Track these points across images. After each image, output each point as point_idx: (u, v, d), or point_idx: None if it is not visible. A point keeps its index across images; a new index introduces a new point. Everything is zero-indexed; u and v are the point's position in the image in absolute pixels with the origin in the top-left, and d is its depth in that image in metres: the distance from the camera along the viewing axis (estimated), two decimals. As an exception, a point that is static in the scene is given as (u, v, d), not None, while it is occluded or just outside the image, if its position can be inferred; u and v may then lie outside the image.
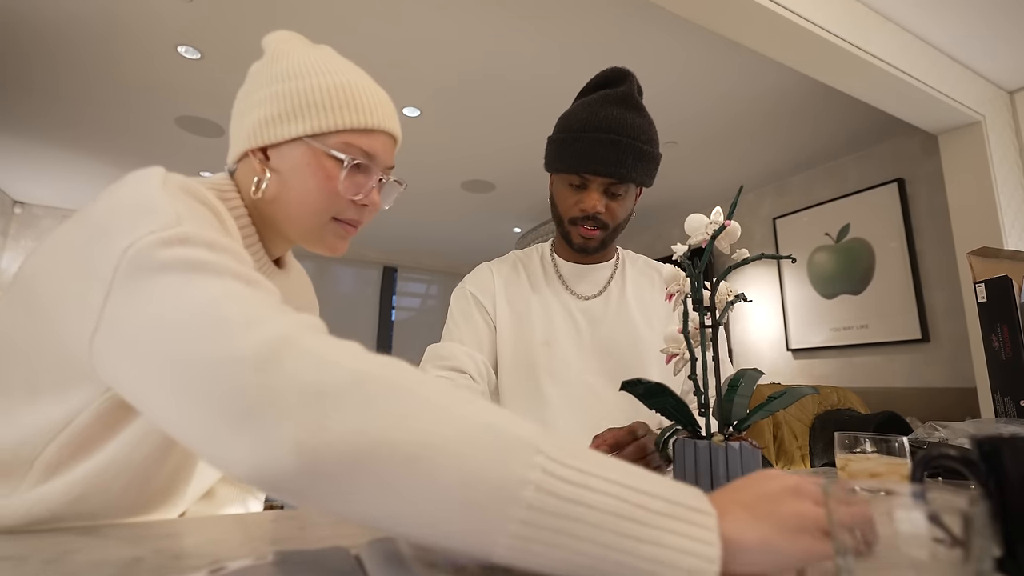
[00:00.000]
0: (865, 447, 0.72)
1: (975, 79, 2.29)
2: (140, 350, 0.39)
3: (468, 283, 1.04)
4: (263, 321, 0.37)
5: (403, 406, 0.33)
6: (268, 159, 0.61)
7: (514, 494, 0.31)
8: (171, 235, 0.42)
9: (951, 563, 0.28)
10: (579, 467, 0.33)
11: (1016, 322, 0.98)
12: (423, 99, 2.74)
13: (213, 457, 0.36)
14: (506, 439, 0.33)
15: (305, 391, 0.33)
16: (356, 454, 0.32)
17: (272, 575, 0.33)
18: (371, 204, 0.65)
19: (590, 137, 0.90)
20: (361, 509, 0.33)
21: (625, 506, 0.32)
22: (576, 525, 0.31)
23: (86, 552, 0.39)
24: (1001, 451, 0.34)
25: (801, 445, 1.59)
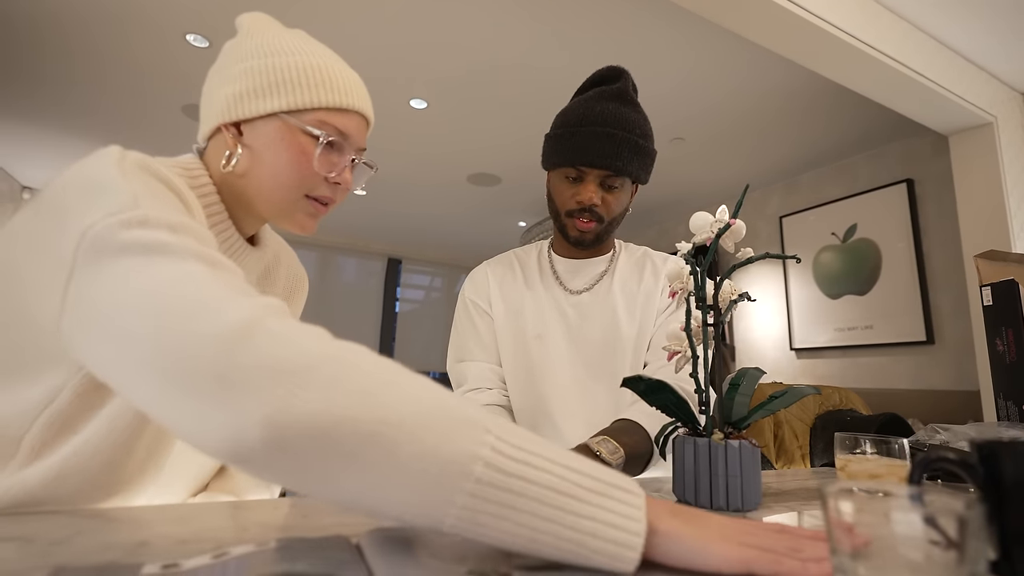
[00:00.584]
0: (865, 448, 0.72)
1: (988, 80, 2.27)
2: (106, 331, 0.40)
3: (466, 290, 1.08)
4: (230, 302, 0.38)
5: (364, 385, 0.35)
6: (241, 134, 0.61)
7: (465, 468, 0.33)
8: (129, 217, 0.42)
9: (946, 565, 0.28)
10: (523, 447, 0.35)
11: (1021, 326, 0.98)
12: (430, 91, 2.73)
13: (186, 434, 0.37)
14: (459, 419, 0.35)
15: (272, 370, 0.35)
16: (320, 429, 0.33)
17: (273, 561, 0.34)
18: (343, 183, 0.65)
19: (586, 131, 0.92)
20: (323, 484, 0.35)
21: (563, 483, 0.35)
22: (519, 499, 0.34)
23: (92, 535, 0.40)
24: (999, 455, 0.34)
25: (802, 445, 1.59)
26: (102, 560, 0.35)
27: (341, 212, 4.62)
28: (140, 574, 0.32)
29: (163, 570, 0.32)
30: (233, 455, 0.35)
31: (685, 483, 0.60)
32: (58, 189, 0.46)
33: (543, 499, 0.34)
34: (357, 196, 4.23)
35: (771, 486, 0.75)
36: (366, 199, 4.32)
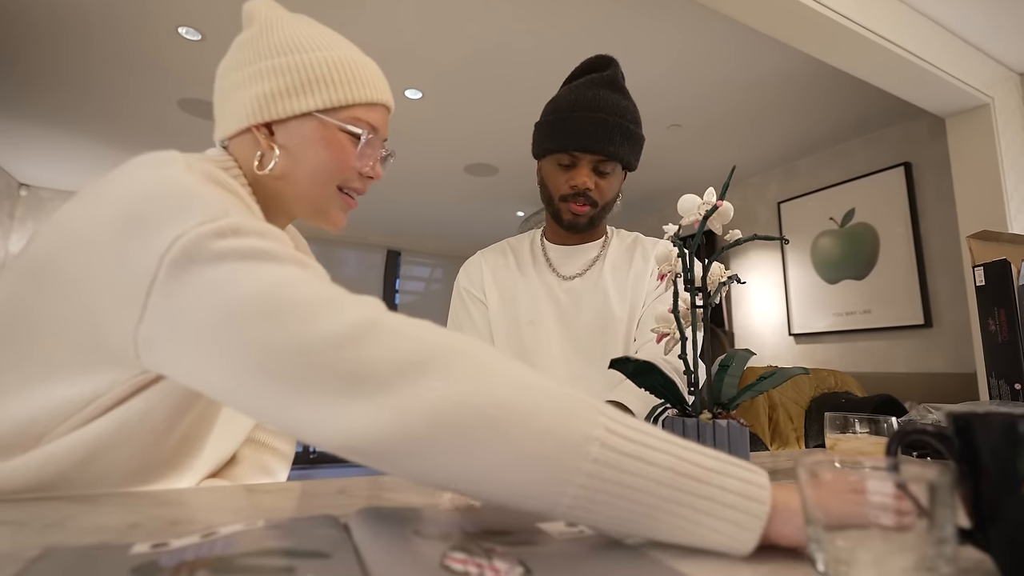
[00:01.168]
0: (855, 428, 0.73)
1: (985, 60, 2.25)
2: (201, 340, 0.40)
3: (461, 279, 1.09)
4: (342, 302, 0.40)
5: (479, 372, 0.37)
6: (272, 134, 0.60)
7: (581, 449, 0.34)
8: (223, 226, 0.42)
9: (917, 531, 0.29)
10: (638, 428, 0.36)
11: (1013, 305, 0.98)
12: (425, 81, 2.72)
13: (308, 432, 0.38)
14: (572, 401, 0.36)
15: (397, 363, 0.36)
16: (443, 417, 0.35)
17: (261, 538, 0.34)
18: (376, 176, 0.66)
19: (579, 116, 0.93)
20: (446, 470, 0.36)
21: (682, 464, 0.35)
22: (636, 479, 0.34)
23: (85, 518, 0.41)
24: (973, 427, 0.35)
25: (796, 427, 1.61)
26: (93, 541, 0.36)
27: (339, 204, 4.62)
28: (129, 553, 0.32)
29: (152, 549, 0.33)
30: (362, 448, 0.36)
31: (674, 463, 0.61)
32: (127, 198, 0.44)
33: (661, 479, 0.35)
34: (354, 188, 4.22)
35: (764, 465, 0.76)
36: (363, 191, 4.30)
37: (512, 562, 0.33)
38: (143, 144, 3.47)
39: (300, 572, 0.29)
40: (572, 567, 0.33)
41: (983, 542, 0.35)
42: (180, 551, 0.32)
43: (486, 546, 0.35)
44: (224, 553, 0.32)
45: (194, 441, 0.58)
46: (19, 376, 0.47)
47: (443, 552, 0.33)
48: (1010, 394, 0.97)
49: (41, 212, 4.24)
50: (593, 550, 0.36)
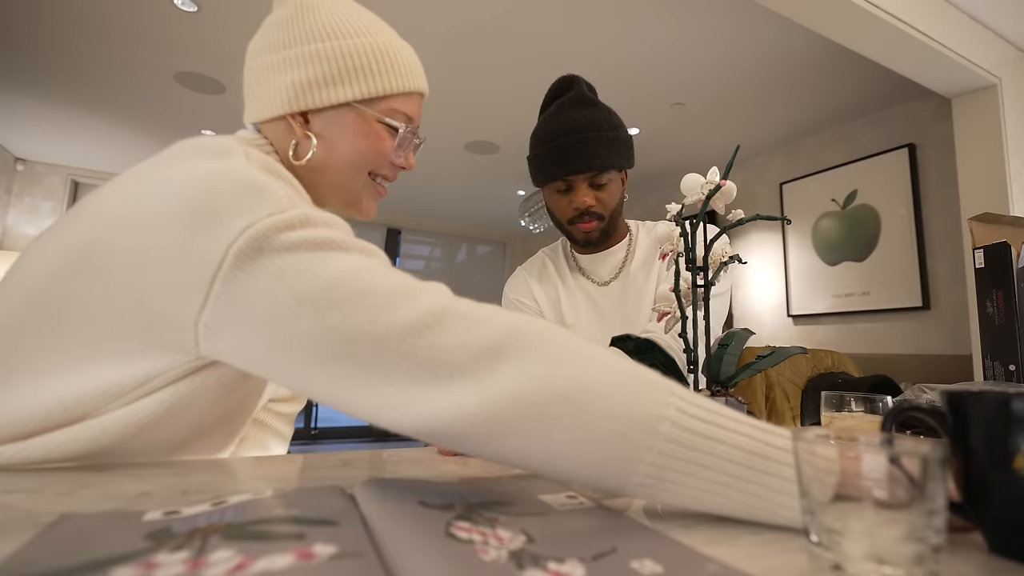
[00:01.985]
0: (851, 407, 0.74)
1: (994, 40, 2.22)
2: (273, 329, 0.40)
3: (509, 292, 1.13)
4: (414, 290, 0.41)
5: (554, 353, 0.38)
6: (307, 122, 0.59)
7: (653, 427, 0.35)
8: (292, 217, 0.43)
9: (908, 503, 0.30)
10: (709, 408, 0.37)
11: (1012, 288, 0.99)
12: (426, 57, 2.67)
13: (375, 415, 0.39)
14: (644, 381, 0.37)
15: (473, 348, 0.38)
16: (521, 398, 0.36)
17: (270, 507, 0.35)
18: (408, 166, 0.66)
19: (559, 143, 0.98)
20: (523, 449, 0.37)
21: (752, 443, 0.36)
22: (707, 457, 0.35)
23: (98, 486, 0.42)
24: (967, 404, 0.35)
25: (793, 406, 1.63)
26: (107, 508, 0.37)
27: (338, 182, 4.58)
28: (143, 520, 0.33)
29: (165, 516, 0.34)
30: (443, 432, 0.37)
31: (672, 439, 0.62)
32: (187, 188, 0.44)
33: (731, 458, 0.36)
34: (354, 165, 4.19)
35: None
36: (363, 168, 4.27)
37: (515, 531, 0.33)
38: (140, 118, 3.43)
39: (309, 538, 0.30)
40: (572, 536, 0.34)
41: (973, 515, 0.36)
42: (192, 518, 0.33)
43: (489, 516, 0.36)
44: (235, 520, 0.32)
45: (235, 419, 0.58)
46: (58, 358, 0.46)
47: (448, 521, 0.34)
48: (1004, 375, 0.99)
49: (38, 187, 4.21)
50: (593, 520, 0.37)
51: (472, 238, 6.27)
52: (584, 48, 2.53)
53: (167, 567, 0.26)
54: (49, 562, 0.26)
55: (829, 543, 0.31)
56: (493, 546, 0.31)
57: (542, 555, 0.30)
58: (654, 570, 0.29)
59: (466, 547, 0.30)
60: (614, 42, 2.48)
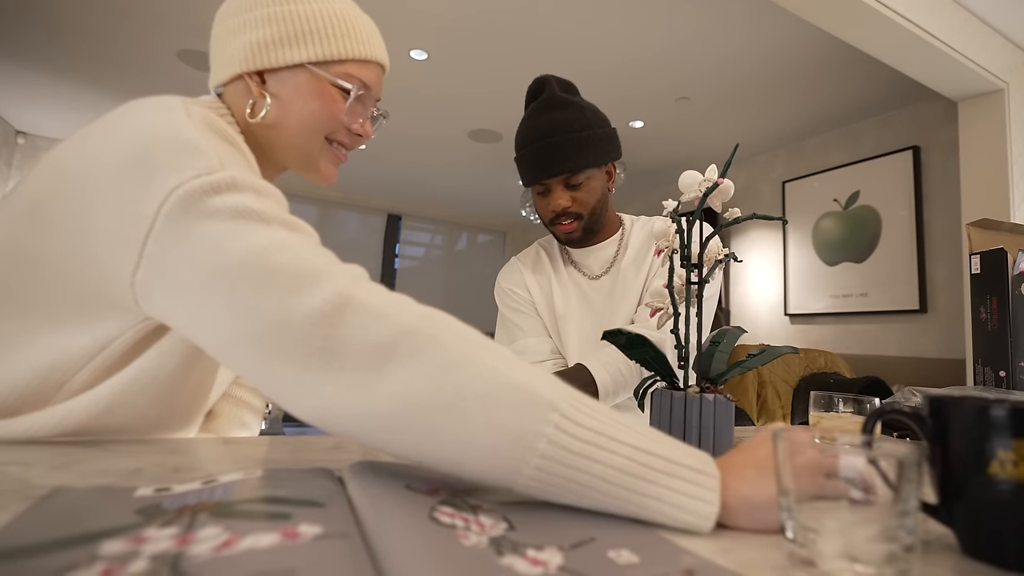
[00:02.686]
0: (839, 407, 0.75)
1: (1003, 43, 2.20)
2: (193, 296, 0.41)
3: (503, 281, 1.14)
4: (322, 275, 0.40)
5: (443, 359, 0.38)
6: (264, 83, 0.61)
7: (530, 444, 0.36)
8: (219, 180, 0.43)
9: (883, 504, 0.31)
10: (592, 427, 0.37)
11: (1006, 295, 0.99)
12: (431, 42, 2.66)
13: (274, 394, 0.40)
14: (528, 396, 0.37)
15: (366, 344, 0.37)
16: (401, 402, 0.36)
17: (259, 487, 0.36)
18: (365, 134, 0.67)
19: (531, 149, 1.00)
20: (407, 449, 0.38)
21: (630, 464, 0.36)
22: (583, 475, 0.36)
23: (90, 462, 0.42)
24: (947, 409, 0.36)
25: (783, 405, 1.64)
26: (99, 483, 0.37)
27: (341, 165, 4.57)
28: (134, 495, 0.34)
29: (156, 492, 0.35)
30: (332, 422, 0.38)
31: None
32: (127, 141, 0.45)
33: (607, 478, 0.36)
34: (356, 150, 4.17)
35: (744, 439, 0.78)
36: (366, 153, 4.25)
37: (496, 517, 0.34)
38: (141, 94, 3.39)
39: (296, 519, 0.30)
40: (553, 525, 0.34)
41: (947, 517, 0.37)
42: (182, 495, 0.34)
43: (472, 502, 0.37)
44: (224, 499, 0.33)
45: (202, 393, 0.59)
46: (24, 324, 0.48)
47: (432, 505, 0.35)
48: (994, 381, 0.99)
49: (39, 161, 4.19)
50: (574, 510, 0.37)
51: (473, 226, 6.26)
52: (593, 41, 2.51)
53: (156, 542, 0.27)
54: (41, 534, 0.27)
55: (804, 540, 0.32)
56: (475, 532, 0.31)
57: (521, 542, 0.31)
58: (630, 560, 0.29)
59: (448, 532, 0.31)
60: (623, 36, 2.46)
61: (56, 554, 0.25)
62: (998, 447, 0.33)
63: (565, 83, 1.08)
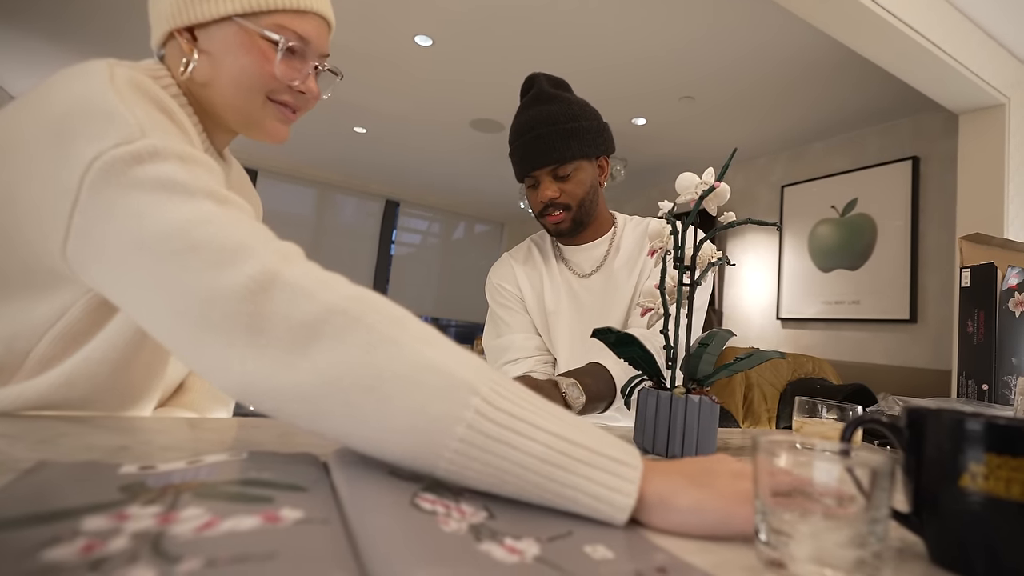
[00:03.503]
0: (823, 413, 0.76)
1: (1007, 59, 2.21)
2: (119, 268, 0.41)
3: (494, 276, 1.14)
4: (248, 250, 0.40)
5: (367, 340, 0.37)
6: (195, 39, 0.59)
7: (449, 428, 0.35)
8: (140, 149, 0.42)
9: (855, 511, 0.31)
10: (512, 412, 0.36)
11: (993, 309, 1.00)
12: (437, 28, 2.63)
13: (200, 369, 0.40)
14: (449, 379, 0.36)
15: (290, 323, 0.37)
16: (324, 380, 0.36)
17: (242, 469, 0.36)
18: (308, 92, 0.64)
19: (520, 142, 1.02)
20: (328, 428, 0.38)
21: (550, 452, 0.36)
22: (502, 462, 0.36)
23: (76, 437, 0.43)
24: (924, 421, 0.37)
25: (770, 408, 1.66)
26: (84, 458, 0.38)
27: (340, 149, 4.55)
28: (118, 472, 0.34)
29: (140, 470, 0.35)
30: (245, 396, 0.38)
31: (645, 432, 0.64)
32: (51, 109, 0.45)
33: (526, 465, 0.35)
34: (357, 134, 4.15)
35: (732, 442, 0.79)
36: (366, 137, 4.23)
37: (478, 506, 0.35)
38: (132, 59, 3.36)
39: (278, 503, 0.30)
40: (533, 517, 0.35)
41: (917, 526, 0.38)
42: (166, 474, 0.34)
43: (454, 490, 0.37)
44: (208, 480, 0.33)
45: (157, 366, 0.60)
46: None
47: (414, 492, 0.35)
48: (977, 394, 1.01)
49: None
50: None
51: (470, 216, 6.25)
52: (599, 38, 2.49)
53: (138, 520, 0.27)
54: (24, 507, 0.27)
55: (776, 543, 0.32)
56: (455, 519, 0.32)
57: (500, 531, 0.31)
58: (605, 555, 0.30)
59: (428, 518, 0.31)
60: (632, 33, 2.45)
61: (38, 528, 0.25)
62: (970, 460, 0.33)
63: (555, 80, 1.09)
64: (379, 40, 2.77)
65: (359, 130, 4.08)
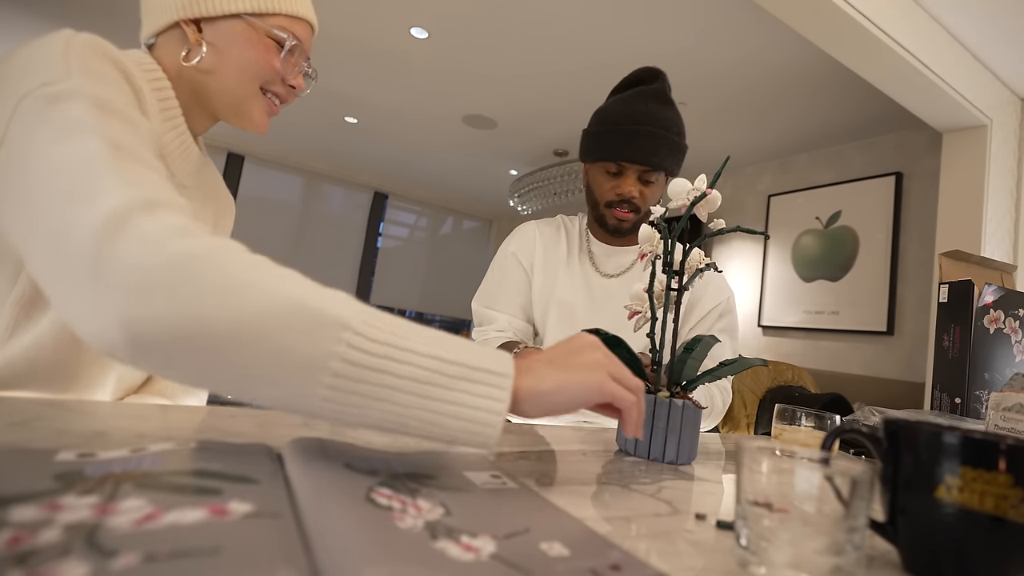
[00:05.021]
0: (801, 421, 0.77)
1: (991, 81, 2.26)
2: (13, 208, 0.42)
3: (512, 244, 1.12)
4: (106, 194, 0.39)
5: (223, 284, 0.36)
6: (200, 31, 0.63)
7: (322, 364, 0.35)
8: (59, 90, 0.44)
9: (833, 519, 0.32)
10: (387, 341, 0.37)
11: (969, 325, 1.03)
12: (433, 21, 2.62)
13: (68, 317, 0.39)
14: (316, 317, 0.36)
15: (131, 270, 0.36)
16: (177, 330, 0.35)
17: (189, 459, 0.35)
18: (298, 87, 0.71)
19: (627, 128, 0.99)
20: (189, 377, 0.37)
21: (425, 373, 0.37)
22: (380, 390, 0.36)
23: (51, 421, 0.42)
24: (902, 432, 0.37)
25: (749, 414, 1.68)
26: (53, 444, 0.36)
27: (330, 138, 4.50)
28: (54, 459, 0.32)
29: (78, 458, 0.33)
30: (99, 348, 0.37)
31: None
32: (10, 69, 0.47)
33: (404, 388, 0.36)
34: (348, 124, 4.11)
35: (711, 446, 0.80)
36: (357, 128, 4.19)
37: (434, 503, 0.34)
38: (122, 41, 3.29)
39: (226, 495, 0.29)
40: (489, 513, 0.34)
41: (892, 535, 0.38)
42: (107, 463, 0.32)
43: (412, 486, 0.36)
44: (151, 469, 0.32)
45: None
46: None
47: (370, 486, 0.34)
48: (950, 407, 1.03)
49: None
50: (513, 501, 0.37)
51: (459, 212, 6.23)
52: (593, 39, 2.50)
53: (72, 510, 0.25)
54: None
55: (756, 548, 0.33)
56: (411, 515, 0.31)
57: (457, 528, 0.30)
58: (561, 552, 0.30)
59: (383, 513, 0.30)
60: (626, 36, 2.45)
61: (-43, 519, 0.23)
62: (946, 472, 0.34)
63: (670, 86, 1.09)
64: (375, 30, 2.74)
65: (350, 120, 4.04)
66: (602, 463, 0.57)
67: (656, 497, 0.47)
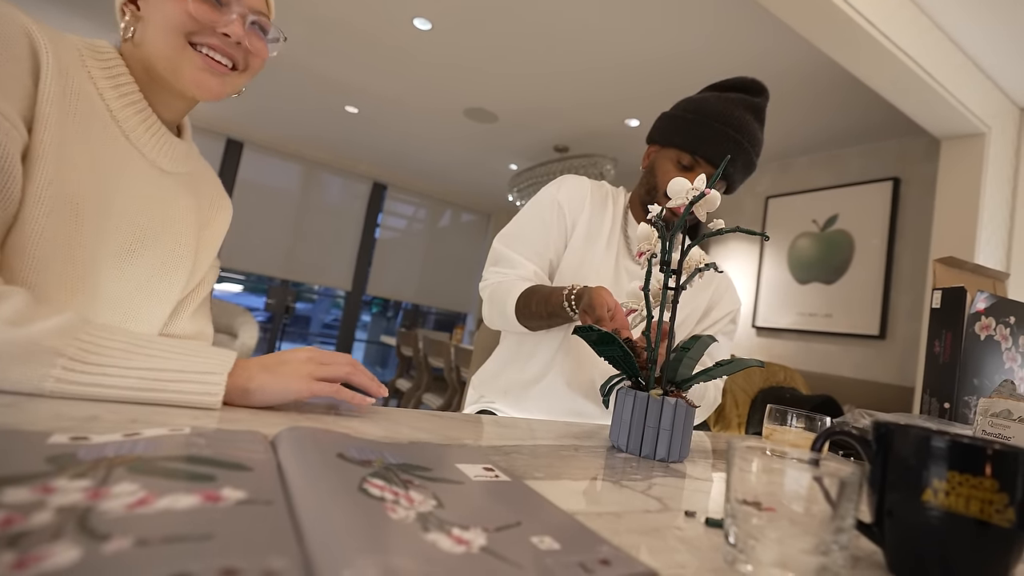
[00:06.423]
0: (792, 422, 0.77)
1: (991, 89, 2.27)
2: None
3: (562, 193, 1.06)
4: None
5: None
6: (139, 9, 0.64)
7: (39, 387, 0.43)
8: None
9: (821, 519, 0.32)
10: (100, 363, 0.45)
11: (960, 331, 1.04)
12: (437, 13, 2.60)
13: None
14: (30, 351, 0.43)
15: None
16: None
17: (181, 445, 0.35)
18: (233, 35, 0.65)
19: (719, 128, 0.96)
20: None
21: (142, 383, 0.46)
22: (100, 392, 0.45)
23: (44, 403, 0.41)
24: (892, 435, 0.38)
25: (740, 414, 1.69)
26: (47, 427, 0.36)
27: (330, 127, 4.47)
28: (47, 442, 0.32)
29: (71, 441, 0.33)
30: None
31: (620, 431, 0.65)
32: None
33: (124, 398, 0.46)
34: (348, 113, 4.09)
35: (703, 444, 0.80)
36: (357, 118, 4.17)
37: (426, 495, 0.34)
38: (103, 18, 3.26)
39: (219, 482, 0.29)
40: (481, 506, 0.34)
41: (878, 537, 0.39)
42: (100, 447, 0.32)
43: (404, 477, 0.36)
44: (145, 454, 0.32)
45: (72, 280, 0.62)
46: None
47: (363, 476, 0.34)
48: (939, 412, 1.04)
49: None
50: (505, 494, 0.38)
51: (457, 205, 6.21)
52: (598, 37, 2.49)
53: (65, 493, 0.25)
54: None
55: (744, 547, 0.33)
56: (403, 506, 0.31)
57: (448, 520, 0.31)
58: (552, 547, 0.30)
59: (376, 504, 0.30)
60: (632, 35, 2.45)
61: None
62: (934, 476, 0.35)
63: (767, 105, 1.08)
64: (377, 19, 2.72)
65: (351, 109, 4.02)
66: (594, 459, 0.58)
67: (647, 494, 0.47)
